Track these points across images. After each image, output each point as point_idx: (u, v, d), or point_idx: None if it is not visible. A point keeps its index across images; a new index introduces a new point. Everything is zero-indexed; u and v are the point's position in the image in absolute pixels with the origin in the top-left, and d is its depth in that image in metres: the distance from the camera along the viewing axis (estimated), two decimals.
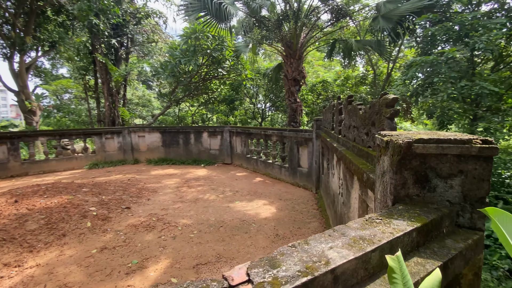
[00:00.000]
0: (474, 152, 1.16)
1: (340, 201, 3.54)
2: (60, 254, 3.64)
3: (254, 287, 0.67)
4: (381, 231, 0.99)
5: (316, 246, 0.88)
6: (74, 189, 5.77)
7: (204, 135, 11.48)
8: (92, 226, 4.37)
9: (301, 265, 0.77)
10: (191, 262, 3.59)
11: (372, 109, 2.20)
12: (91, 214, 4.71)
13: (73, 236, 4.08)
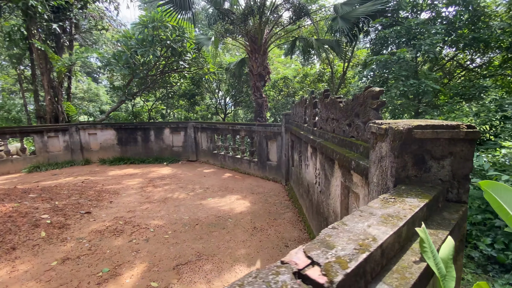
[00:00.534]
0: (462, 136, 1.34)
1: (317, 190, 3.73)
2: (12, 270, 3.11)
3: (322, 268, 0.68)
4: (401, 208, 1.08)
5: (355, 226, 0.92)
6: (19, 195, 4.94)
7: (165, 132, 10.88)
8: (47, 236, 3.82)
9: (354, 244, 0.80)
10: (170, 264, 3.42)
11: (355, 101, 2.36)
12: (44, 222, 4.11)
13: (25, 248, 3.51)
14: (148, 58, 10.70)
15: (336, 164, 2.84)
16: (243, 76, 14.96)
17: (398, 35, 6.49)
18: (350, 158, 2.20)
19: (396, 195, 1.23)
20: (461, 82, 8.45)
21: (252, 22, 9.09)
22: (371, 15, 7.38)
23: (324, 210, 3.40)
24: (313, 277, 0.65)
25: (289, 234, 4.29)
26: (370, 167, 1.74)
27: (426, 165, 1.41)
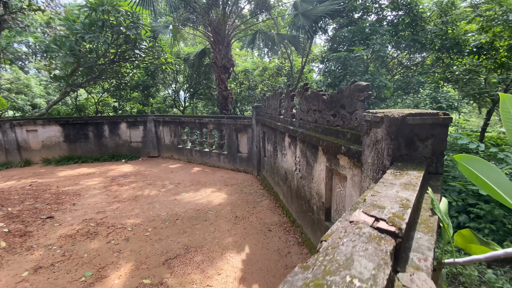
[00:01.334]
0: (440, 121, 1.69)
1: (297, 176, 4.03)
2: None
3: (387, 221, 0.87)
4: (410, 179, 1.36)
5: (388, 193, 1.15)
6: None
7: (122, 126, 10.08)
8: (9, 246, 3.34)
9: (398, 204, 1.02)
10: (158, 259, 3.35)
11: (340, 94, 2.66)
12: (1, 231, 3.57)
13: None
14: (97, 45, 9.67)
15: (320, 150, 3.13)
16: (203, 67, 14.59)
17: (354, 35, 7.18)
18: (339, 143, 2.50)
19: (400, 170, 1.52)
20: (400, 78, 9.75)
21: (215, 13, 8.92)
22: (330, 14, 7.97)
23: (305, 193, 3.72)
24: (385, 228, 0.85)
25: (269, 219, 4.54)
26: (364, 150, 2.04)
27: (414, 145, 1.74)
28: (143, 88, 16.59)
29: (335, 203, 3.00)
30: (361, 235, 0.80)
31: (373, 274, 0.61)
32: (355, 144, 2.30)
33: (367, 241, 0.76)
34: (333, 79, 6.98)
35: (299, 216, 4.04)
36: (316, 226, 3.37)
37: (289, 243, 3.81)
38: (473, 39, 7.56)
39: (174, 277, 3.03)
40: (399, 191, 1.17)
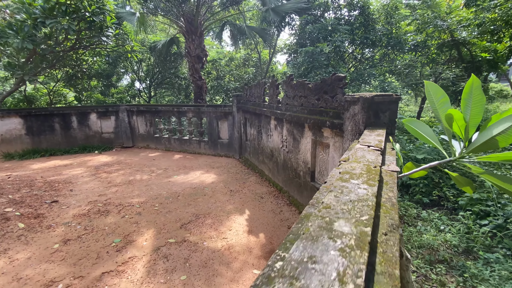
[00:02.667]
0: (394, 99, 2.63)
1: (284, 151, 4.87)
2: (11, 261, 2.95)
3: (374, 146, 1.69)
4: (378, 133, 2.25)
5: (368, 138, 2.00)
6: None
7: (92, 117, 9.77)
8: (27, 226, 3.54)
9: (376, 141, 1.86)
10: (175, 225, 3.92)
11: (323, 83, 3.51)
12: (13, 215, 3.69)
13: (9, 241, 3.23)
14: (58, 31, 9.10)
15: (306, 127, 4.00)
16: (170, 56, 14.45)
17: (319, 32, 8.20)
18: (324, 119, 3.37)
19: (372, 129, 2.41)
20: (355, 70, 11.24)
21: (189, 4, 9.12)
22: (298, 12, 8.85)
23: (292, 164, 4.59)
24: (374, 148, 1.68)
25: (259, 190, 5.35)
26: (345, 121, 2.93)
27: (379, 115, 2.66)
28: (104, 77, 15.76)
29: (319, 167, 3.92)
30: (364, 149, 1.62)
31: (375, 158, 1.43)
32: (336, 119, 3.19)
33: (368, 151, 1.58)
34: (302, 71, 7.94)
35: (286, 184, 4.92)
36: (303, 188, 4.27)
37: (279, 205, 4.67)
38: (411, 38, 9.15)
39: (194, 236, 3.66)
40: (375, 138, 2.04)
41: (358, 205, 0.83)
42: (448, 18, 7.73)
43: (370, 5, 9.73)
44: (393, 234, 0.86)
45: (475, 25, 7.69)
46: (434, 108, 1.97)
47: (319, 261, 0.52)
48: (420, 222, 4.20)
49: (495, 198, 4.18)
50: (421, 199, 4.82)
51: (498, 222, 3.73)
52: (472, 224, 3.86)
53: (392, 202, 1.07)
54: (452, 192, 4.80)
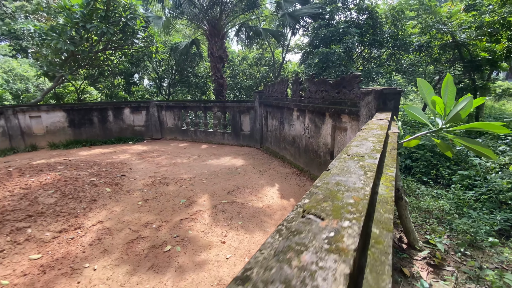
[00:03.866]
0: (397, 91, 3.60)
1: (305, 137, 5.87)
2: (111, 211, 4.03)
3: (384, 119, 2.66)
4: (386, 114, 3.22)
5: (380, 116, 2.97)
6: (47, 167, 5.10)
7: (126, 111, 10.90)
8: (113, 191, 4.63)
9: (385, 118, 2.83)
10: (223, 192, 4.96)
11: (342, 79, 4.48)
12: (98, 183, 4.78)
13: (104, 200, 4.32)
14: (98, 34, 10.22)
15: (327, 115, 4.98)
16: (190, 57, 15.52)
17: (332, 34, 9.14)
18: (343, 108, 4.35)
19: (381, 112, 3.39)
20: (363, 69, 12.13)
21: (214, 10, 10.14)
22: (312, 16, 9.80)
23: (313, 147, 5.58)
24: (384, 120, 2.65)
25: (283, 170, 6.36)
26: (361, 108, 3.91)
27: (386, 103, 3.63)
28: (126, 76, 16.92)
29: (337, 147, 4.90)
30: (378, 120, 2.60)
31: (384, 124, 2.41)
32: (353, 107, 4.17)
33: (380, 120, 2.57)
34: (317, 70, 8.90)
35: (307, 165, 5.92)
36: (323, 166, 5.26)
37: (302, 181, 5.68)
38: (416, 40, 10.03)
39: (239, 199, 4.69)
40: (384, 116, 3.02)
41: (373, 146, 1.83)
42: (449, 22, 8.59)
43: (378, 8, 10.61)
44: (393, 151, 1.85)
45: (474, 28, 8.54)
46: (423, 96, 2.96)
47: (352, 169, 1.51)
48: (419, 194, 5.15)
49: (482, 174, 5.11)
50: (421, 177, 5.76)
51: (482, 191, 4.67)
52: (461, 194, 4.80)
53: (394, 143, 2.06)
54: (448, 171, 5.73)
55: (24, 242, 3.17)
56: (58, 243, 3.20)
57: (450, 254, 3.25)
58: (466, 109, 2.49)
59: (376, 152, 1.46)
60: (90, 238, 3.35)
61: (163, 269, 2.90)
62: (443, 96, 2.77)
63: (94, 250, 3.14)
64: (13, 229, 3.32)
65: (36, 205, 3.80)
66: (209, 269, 2.91)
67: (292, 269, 0.54)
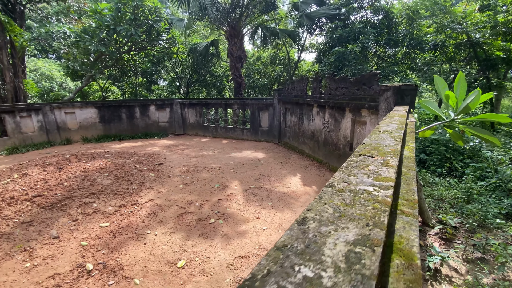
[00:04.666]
0: (413, 87, 4.01)
1: (325, 131, 6.32)
2: (158, 192, 4.64)
3: (403, 111, 3.10)
4: (404, 108, 3.65)
5: (399, 109, 3.41)
6: (97, 156, 5.81)
7: (151, 108, 11.63)
8: (156, 176, 5.25)
9: (404, 110, 3.27)
10: (250, 179, 5.49)
11: (362, 77, 4.92)
12: (142, 169, 5.42)
13: (150, 182, 4.95)
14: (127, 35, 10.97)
15: (347, 110, 5.43)
16: (208, 57, 16.16)
17: (348, 34, 9.51)
18: (363, 103, 4.80)
19: (399, 106, 3.82)
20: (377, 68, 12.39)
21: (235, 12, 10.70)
22: (329, 17, 10.20)
23: (332, 140, 6.04)
24: (403, 112, 3.10)
25: (303, 162, 6.84)
26: (380, 103, 4.35)
27: (403, 98, 4.06)
28: (148, 75, 17.73)
29: (356, 139, 5.35)
30: (398, 112, 3.06)
31: (403, 113, 2.87)
32: (372, 102, 4.61)
33: (400, 112, 3.02)
34: (333, 68, 9.30)
35: (326, 157, 6.38)
36: (342, 157, 5.72)
37: (322, 171, 6.14)
38: (431, 39, 10.26)
39: (266, 185, 5.21)
40: (402, 108, 3.46)
41: (397, 127, 2.31)
42: (464, 22, 8.81)
43: (393, 8, 10.89)
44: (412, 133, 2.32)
45: (489, 27, 8.73)
46: (439, 91, 3.39)
47: (385, 137, 2.00)
48: (432, 183, 5.53)
49: (493, 166, 5.43)
50: (435, 170, 6.12)
51: (493, 181, 5.00)
52: (473, 183, 5.15)
53: (412, 128, 2.52)
54: (461, 164, 6.06)
55: (92, 214, 3.80)
56: (121, 215, 3.82)
57: (460, 231, 3.67)
58: (475, 102, 2.92)
59: (400, 130, 1.94)
60: (146, 212, 3.95)
61: (211, 236, 3.46)
62: (455, 91, 3.20)
63: (151, 221, 3.74)
64: (81, 204, 3.97)
65: (96, 185, 4.45)
66: (250, 237, 3.45)
67: (365, 170, 1.05)
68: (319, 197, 0.82)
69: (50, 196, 3.94)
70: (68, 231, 3.41)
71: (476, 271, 2.81)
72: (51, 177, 4.36)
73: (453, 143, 6.51)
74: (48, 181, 4.26)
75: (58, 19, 12.70)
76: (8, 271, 2.79)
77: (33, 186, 4.10)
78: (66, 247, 3.13)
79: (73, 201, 3.98)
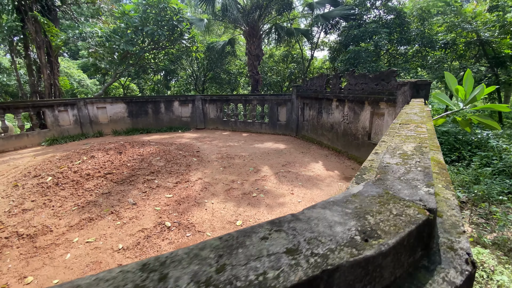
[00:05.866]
0: (428, 82, 4.63)
1: (344, 123, 6.97)
2: (203, 173, 5.39)
3: (419, 101, 3.74)
4: (420, 100, 4.28)
5: (416, 101, 4.04)
6: (146, 143, 6.63)
7: (175, 104, 12.42)
8: (198, 160, 6.01)
9: (421, 101, 3.91)
10: (278, 165, 6.20)
11: (381, 74, 5.56)
12: (185, 155, 6.18)
13: (195, 165, 5.70)
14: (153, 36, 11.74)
15: (366, 104, 6.07)
16: (224, 55, 16.87)
17: (363, 34, 10.09)
18: (382, 97, 5.44)
19: (415, 99, 4.46)
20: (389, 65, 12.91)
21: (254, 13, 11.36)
22: (344, 17, 10.77)
23: (351, 131, 6.69)
24: (421, 103, 3.74)
25: (323, 152, 7.51)
26: (398, 96, 4.98)
27: (419, 92, 4.70)
28: (166, 73, 18.53)
29: (374, 129, 5.99)
30: (416, 102, 3.71)
31: (421, 103, 3.52)
32: (390, 96, 5.25)
33: (418, 102, 3.67)
34: (349, 66, 9.91)
35: (345, 146, 7.04)
36: (361, 146, 6.37)
37: (341, 159, 6.81)
38: (442, 38, 10.76)
39: (293, 169, 5.91)
40: (419, 101, 4.11)
41: (419, 111, 2.97)
42: (474, 22, 9.30)
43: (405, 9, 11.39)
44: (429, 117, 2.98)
45: (498, 27, 9.20)
46: (449, 86, 4.01)
47: (412, 115, 2.66)
48: None
49: (498, 154, 6.01)
50: (445, 158, 6.71)
51: (498, 167, 5.59)
52: (480, 169, 5.74)
53: (429, 113, 3.18)
54: (469, 154, 6.64)
55: (156, 188, 4.57)
56: (179, 189, 4.58)
57: (467, 205, 4.31)
58: (480, 94, 3.55)
59: (422, 112, 2.61)
60: (199, 187, 4.70)
61: (257, 205, 4.18)
62: (464, 86, 3.83)
63: (205, 194, 4.48)
64: (145, 180, 4.74)
65: (152, 166, 5.23)
66: (289, 206, 4.16)
67: (407, 129, 1.74)
68: (388, 134, 1.52)
69: (118, 174, 4.72)
70: (141, 199, 4.18)
71: (480, 230, 3.46)
72: (114, 159, 5.15)
73: (461, 135, 7.09)
74: (113, 162, 5.04)
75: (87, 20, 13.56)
76: (104, 227, 3.57)
77: (103, 166, 4.88)
78: (144, 211, 3.90)
79: (138, 178, 4.75)
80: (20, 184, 4.48)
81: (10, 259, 3.01)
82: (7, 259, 3.02)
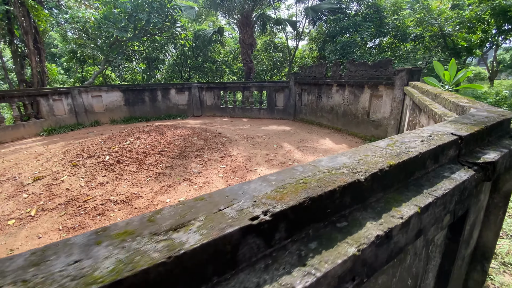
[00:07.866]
0: (420, 69, 5.90)
1: (344, 105, 8.15)
2: (238, 149, 6.15)
3: (420, 81, 4.93)
4: (419, 83, 5.52)
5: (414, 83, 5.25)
6: (178, 126, 7.12)
7: (172, 92, 12.62)
8: (227, 139, 6.72)
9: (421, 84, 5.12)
10: (294, 142, 7.18)
11: (380, 62, 6.73)
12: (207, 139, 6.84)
13: (228, 143, 6.41)
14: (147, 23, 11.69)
15: (365, 87, 7.27)
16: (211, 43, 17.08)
17: (349, 26, 11.30)
18: (381, 81, 6.65)
19: (412, 82, 5.69)
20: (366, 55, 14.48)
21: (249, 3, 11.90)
22: (332, 10, 11.86)
23: (351, 112, 7.89)
24: (421, 84, 4.94)
25: (325, 131, 8.65)
26: (395, 80, 6.21)
27: (413, 76, 5.95)
28: (150, 61, 18.21)
29: (372, 109, 7.23)
30: (414, 83, 4.91)
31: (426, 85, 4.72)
32: (388, 80, 6.47)
33: (423, 84, 4.87)
34: (339, 55, 11.10)
35: (345, 125, 8.25)
36: (360, 123, 7.60)
37: (343, 135, 8.01)
38: (412, 31, 12.43)
39: (309, 145, 6.94)
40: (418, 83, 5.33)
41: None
42: (439, 18, 11.02)
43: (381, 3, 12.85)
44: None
45: (457, 22, 11.04)
46: (437, 71, 5.30)
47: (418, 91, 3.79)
48: None
49: None
50: None
51: None
52: None
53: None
54: None
55: (208, 161, 5.27)
56: (227, 162, 5.34)
57: None
58: (462, 77, 4.86)
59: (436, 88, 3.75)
60: (242, 160, 5.50)
61: None
62: (449, 70, 5.12)
63: (251, 164, 5.31)
64: (196, 155, 5.39)
65: (195, 144, 5.85)
66: None
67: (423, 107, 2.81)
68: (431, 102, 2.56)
69: (171, 151, 5.30)
70: (203, 169, 4.88)
71: None
72: (160, 139, 5.66)
73: None
74: (160, 141, 5.55)
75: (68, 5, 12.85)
76: (184, 190, 4.25)
77: (153, 145, 5.39)
78: (210, 177, 4.63)
79: (188, 154, 5.38)
80: (80, 164, 4.86)
81: (121, 219, 3.61)
82: (117, 218, 3.61)
